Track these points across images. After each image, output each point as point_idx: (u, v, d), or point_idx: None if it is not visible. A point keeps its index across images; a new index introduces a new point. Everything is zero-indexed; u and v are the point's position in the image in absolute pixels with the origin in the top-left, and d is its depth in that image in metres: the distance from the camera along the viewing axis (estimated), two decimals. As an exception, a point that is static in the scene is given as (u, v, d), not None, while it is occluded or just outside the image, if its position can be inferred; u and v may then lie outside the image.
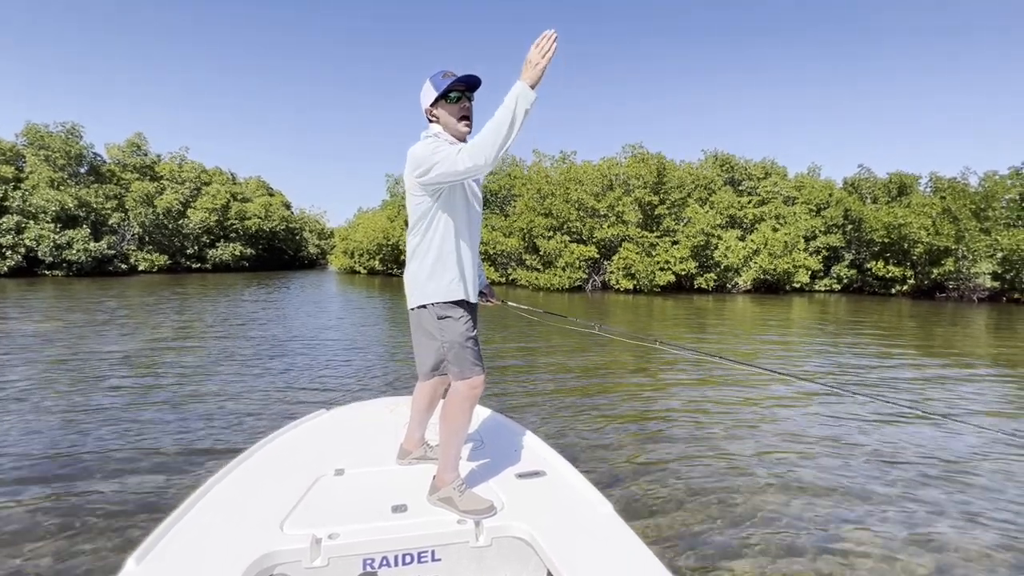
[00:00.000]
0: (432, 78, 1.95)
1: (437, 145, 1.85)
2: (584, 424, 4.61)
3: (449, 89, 1.91)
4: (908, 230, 22.87)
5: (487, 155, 1.66)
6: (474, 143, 1.69)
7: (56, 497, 3.07)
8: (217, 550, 1.59)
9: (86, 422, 4.38)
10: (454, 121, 1.96)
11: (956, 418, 4.89)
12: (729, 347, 9.08)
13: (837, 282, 26.10)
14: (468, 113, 1.97)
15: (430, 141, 1.91)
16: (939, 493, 3.36)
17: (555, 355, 7.74)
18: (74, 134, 29.40)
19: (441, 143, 1.87)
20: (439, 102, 1.95)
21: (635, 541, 1.69)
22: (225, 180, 40.75)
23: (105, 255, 28.80)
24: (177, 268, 34.19)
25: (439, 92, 1.91)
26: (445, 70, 1.94)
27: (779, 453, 3.99)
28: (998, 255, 21.15)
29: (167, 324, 10.20)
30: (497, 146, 1.64)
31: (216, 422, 4.48)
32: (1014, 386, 6.46)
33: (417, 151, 1.89)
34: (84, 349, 7.40)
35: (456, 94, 1.94)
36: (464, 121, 1.96)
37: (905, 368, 7.42)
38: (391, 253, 33.85)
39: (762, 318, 14.02)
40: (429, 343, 2.04)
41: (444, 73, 1.93)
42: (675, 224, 24.20)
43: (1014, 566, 2.58)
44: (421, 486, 1.99)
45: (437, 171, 1.80)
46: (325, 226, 65.18)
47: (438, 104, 1.95)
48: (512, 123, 1.61)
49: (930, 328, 12.44)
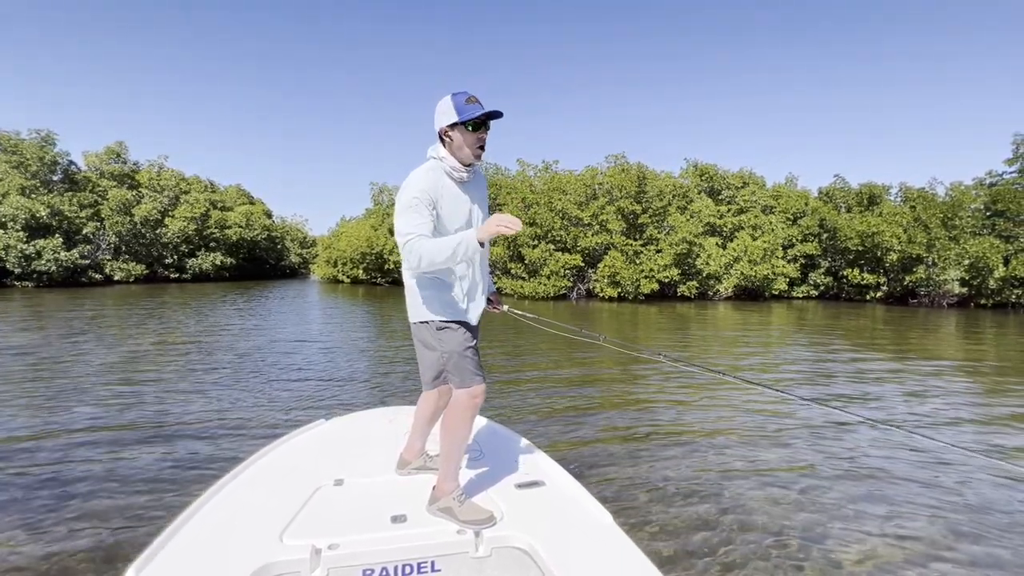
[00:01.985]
0: (455, 98, 1.91)
1: (416, 201, 1.86)
2: (583, 434, 4.61)
3: (473, 119, 1.90)
4: (881, 238, 23.59)
5: (421, 263, 1.82)
6: (418, 248, 1.80)
7: (54, 511, 3.02)
8: (216, 561, 1.58)
9: (78, 435, 4.29)
10: (467, 148, 1.95)
11: (922, 434, 5.05)
12: (725, 360, 9.24)
13: (814, 289, 26.73)
14: (483, 144, 1.97)
15: (422, 179, 1.90)
16: (930, 501, 3.47)
17: (551, 365, 7.77)
18: (48, 141, 28.65)
19: (421, 197, 1.87)
20: (457, 127, 1.92)
21: (635, 551, 1.69)
22: (204, 188, 40.02)
23: (78, 265, 27.96)
24: (155, 278, 33.36)
25: (460, 119, 1.90)
26: (469, 94, 1.92)
27: (779, 469, 3.99)
28: (965, 262, 21.95)
29: (151, 335, 9.97)
30: (431, 263, 1.82)
31: (213, 432, 4.42)
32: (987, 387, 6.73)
33: (406, 186, 1.91)
34: (68, 361, 7.20)
35: (473, 126, 1.92)
36: (477, 149, 1.97)
37: (881, 373, 7.67)
38: (375, 262, 33.56)
39: (748, 326, 14.28)
40: (430, 354, 2.05)
41: (468, 98, 1.91)
42: (657, 232, 24.57)
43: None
44: (421, 496, 2.00)
45: (396, 231, 1.90)
46: (307, 234, 64.42)
47: (456, 127, 1.93)
48: (451, 258, 1.79)
49: (904, 333, 12.84)
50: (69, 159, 30.00)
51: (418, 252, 1.80)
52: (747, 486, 3.61)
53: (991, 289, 21.82)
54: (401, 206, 1.89)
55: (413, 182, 1.92)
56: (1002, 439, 4.74)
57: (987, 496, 3.48)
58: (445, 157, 1.97)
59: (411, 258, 1.82)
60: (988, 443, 4.62)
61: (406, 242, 1.84)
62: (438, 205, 1.92)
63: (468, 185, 2.04)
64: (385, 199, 37.89)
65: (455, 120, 1.90)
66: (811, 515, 3.20)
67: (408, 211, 1.87)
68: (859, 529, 3.03)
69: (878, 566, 2.66)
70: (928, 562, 2.70)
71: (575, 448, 4.26)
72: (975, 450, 2.69)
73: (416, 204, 1.87)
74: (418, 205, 1.87)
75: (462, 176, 1.99)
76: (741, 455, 4.23)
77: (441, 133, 1.97)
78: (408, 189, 1.91)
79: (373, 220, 35.60)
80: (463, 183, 2.02)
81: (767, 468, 3.96)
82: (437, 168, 1.97)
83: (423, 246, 1.80)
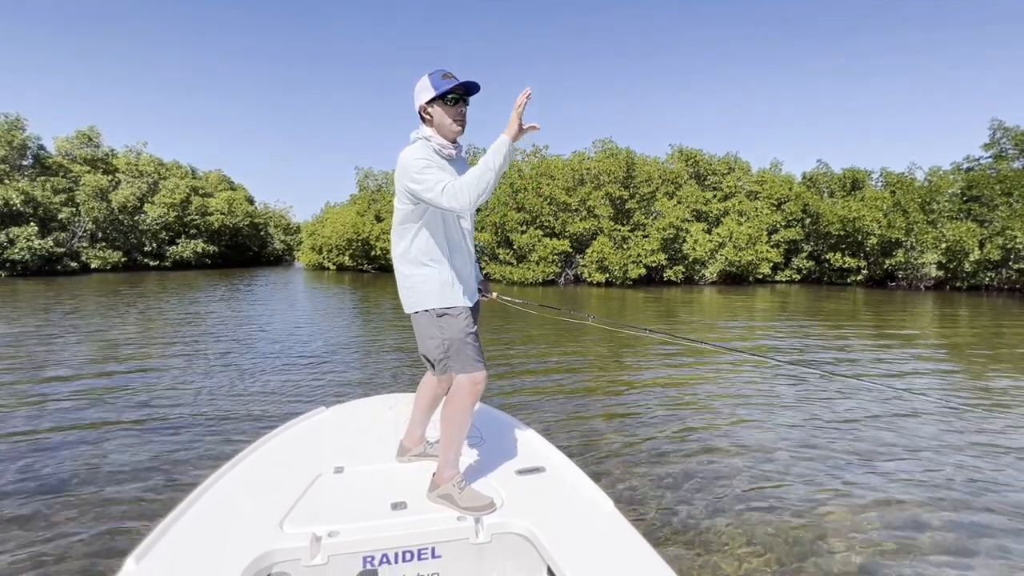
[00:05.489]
0: (431, 76, 1.93)
1: (426, 163, 1.88)
2: (582, 419, 4.65)
3: (449, 91, 1.92)
4: (862, 223, 24.03)
5: (469, 198, 1.80)
6: (458, 185, 1.80)
7: (50, 502, 2.99)
8: (216, 549, 1.58)
9: (69, 427, 4.24)
10: (448, 121, 1.97)
11: (911, 391, 5.25)
12: (722, 336, 9.39)
13: (797, 273, 27.20)
14: (463, 119, 2.00)
15: (419, 150, 1.93)
16: (908, 464, 3.64)
17: (541, 352, 7.81)
18: (17, 126, 27.57)
19: (430, 159, 1.90)
20: (436, 102, 1.94)
21: (636, 537, 1.70)
22: (184, 174, 39.04)
23: (53, 253, 27.18)
24: (134, 266, 32.58)
25: (437, 92, 1.91)
26: (445, 71, 1.93)
27: (780, 447, 4.03)
28: (942, 246, 22.50)
29: (137, 325, 9.79)
30: (479, 191, 1.80)
31: (211, 421, 4.40)
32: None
33: (406, 160, 1.91)
34: (51, 352, 7.05)
35: (455, 96, 1.94)
36: (458, 123, 1.99)
37: (864, 350, 7.90)
38: (361, 248, 33.20)
39: (740, 308, 14.51)
40: (430, 341, 2.05)
41: (444, 74, 1.92)
42: (644, 218, 24.68)
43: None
44: (421, 483, 2.01)
45: (425, 197, 1.87)
46: (291, 221, 63.31)
47: (434, 103, 1.94)
48: (497, 169, 1.80)
49: (884, 313, 13.18)
50: (39, 144, 28.99)
51: (462, 188, 1.79)
52: (753, 466, 3.65)
53: (966, 272, 22.44)
54: (416, 171, 1.88)
55: (412, 153, 1.93)
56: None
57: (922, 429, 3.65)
58: (432, 136, 1.99)
59: (461, 197, 1.79)
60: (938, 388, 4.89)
61: (443, 188, 1.82)
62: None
63: (455, 163, 2.06)
64: (371, 184, 37.30)
65: (433, 95, 1.91)
66: (822, 495, 3.22)
67: (426, 170, 1.88)
68: (844, 479, 3.18)
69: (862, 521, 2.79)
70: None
71: (575, 433, 4.31)
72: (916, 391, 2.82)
73: (429, 164, 1.90)
74: (431, 165, 1.90)
75: (450, 153, 2.02)
76: (744, 434, 4.28)
77: (421, 111, 1.99)
78: (411, 158, 1.91)
79: (359, 206, 35.09)
80: (451, 160, 2.04)
81: (773, 447, 4.03)
82: (426, 146, 1.98)
83: (463, 182, 1.81)
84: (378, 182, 37.05)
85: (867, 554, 2.63)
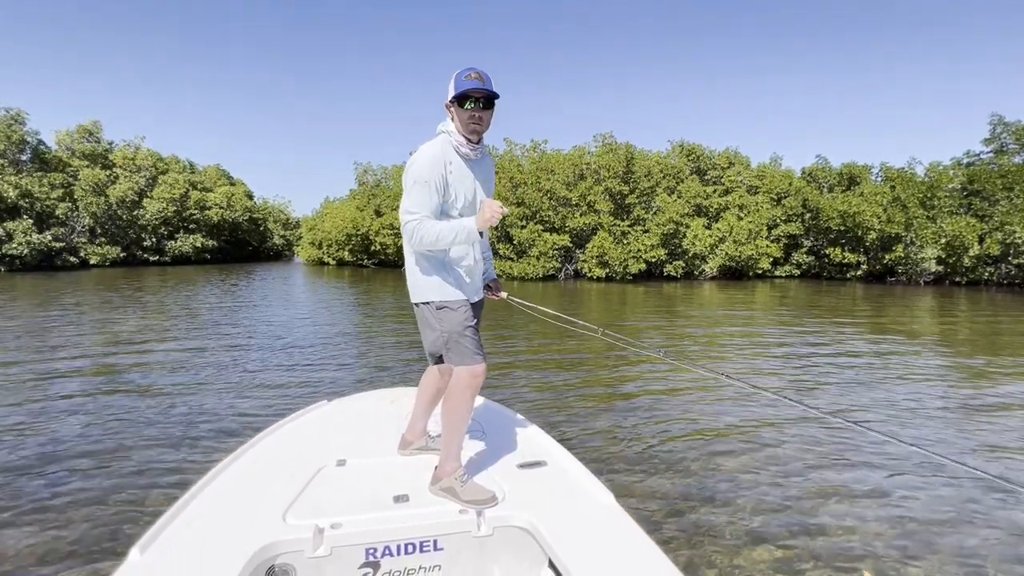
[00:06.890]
0: (458, 74, 1.92)
1: (424, 181, 1.89)
2: (585, 414, 4.67)
3: (465, 97, 1.90)
4: (862, 218, 23.99)
5: (418, 246, 1.94)
6: (419, 231, 1.89)
7: (54, 495, 3.01)
8: (220, 540, 1.59)
9: (81, 417, 4.28)
10: (462, 124, 1.96)
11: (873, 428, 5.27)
12: (715, 352, 9.38)
13: (796, 268, 27.17)
14: (477, 124, 1.95)
15: (433, 150, 1.92)
16: (910, 464, 3.66)
17: (544, 347, 7.85)
18: (18, 120, 27.44)
19: (426, 178, 1.89)
20: (455, 102, 1.93)
21: (637, 531, 1.70)
22: (183, 169, 38.86)
23: (52, 248, 27.13)
24: (133, 261, 32.52)
25: (456, 94, 1.90)
26: (472, 70, 1.90)
27: (784, 444, 4.03)
28: (942, 241, 22.49)
29: (137, 319, 9.79)
30: (427, 247, 1.94)
31: (216, 414, 4.43)
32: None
33: (413, 163, 1.93)
34: (53, 345, 7.06)
35: (471, 104, 1.91)
36: (470, 127, 1.96)
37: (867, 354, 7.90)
38: (361, 243, 33.12)
39: (737, 304, 14.53)
40: (431, 333, 2.06)
41: (468, 74, 1.89)
42: (645, 213, 24.63)
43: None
44: (423, 476, 2.02)
45: (400, 206, 1.98)
46: (290, 216, 63.14)
47: (454, 103, 1.94)
48: (450, 244, 1.93)
49: (885, 310, 13.20)
50: (39, 138, 28.88)
51: (419, 234, 1.89)
52: (754, 468, 3.65)
53: (965, 267, 22.44)
54: (408, 183, 1.94)
55: (421, 157, 1.93)
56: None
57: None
58: (452, 132, 1.99)
59: (412, 239, 1.92)
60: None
61: (407, 222, 1.91)
62: (445, 181, 1.94)
63: (474, 163, 2.05)
64: (370, 179, 37.16)
65: (451, 95, 1.93)
66: (818, 498, 3.23)
67: (414, 189, 1.91)
68: (847, 476, 3.17)
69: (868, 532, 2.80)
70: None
71: (574, 427, 4.32)
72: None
73: (422, 182, 1.90)
74: (424, 183, 1.90)
75: (467, 153, 2.00)
76: (746, 439, 4.23)
77: (446, 106, 2.00)
78: (415, 165, 1.92)
79: (358, 201, 34.98)
80: (469, 160, 2.02)
81: (762, 444, 4.06)
82: (446, 142, 1.98)
83: (424, 228, 1.89)
84: (377, 177, 36.90)
85: (868, 549, 2.65)
